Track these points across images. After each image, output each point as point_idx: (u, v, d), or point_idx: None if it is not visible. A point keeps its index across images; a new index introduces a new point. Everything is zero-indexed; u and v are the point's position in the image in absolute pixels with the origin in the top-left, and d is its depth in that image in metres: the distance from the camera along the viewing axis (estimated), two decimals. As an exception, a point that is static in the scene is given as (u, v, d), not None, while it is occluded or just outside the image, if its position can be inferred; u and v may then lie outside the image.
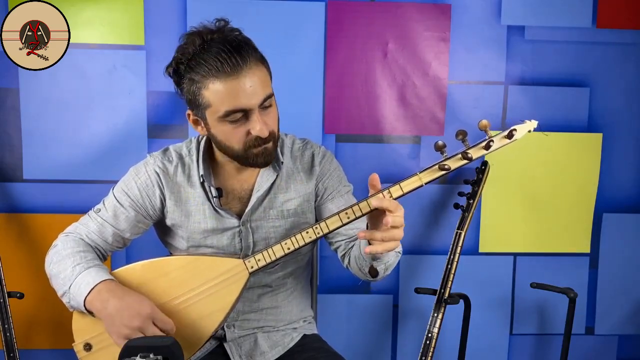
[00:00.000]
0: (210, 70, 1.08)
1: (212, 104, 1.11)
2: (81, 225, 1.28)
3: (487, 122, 1.00)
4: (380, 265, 1.17)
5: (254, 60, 1.11)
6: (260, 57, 1.15)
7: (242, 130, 1.13)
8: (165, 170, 1.27)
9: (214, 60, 1.07)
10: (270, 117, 1.16)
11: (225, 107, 1.10)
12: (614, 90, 1.76)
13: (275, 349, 1.35)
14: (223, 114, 1.11)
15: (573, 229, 1.82)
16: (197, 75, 1.10)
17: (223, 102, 1.10)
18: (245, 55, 1.09)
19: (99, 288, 1.13)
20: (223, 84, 1.08)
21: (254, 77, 1.10)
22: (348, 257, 1.28)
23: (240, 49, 1.09)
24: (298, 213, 1.30)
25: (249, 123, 1.13)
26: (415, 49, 1.71)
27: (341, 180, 1.34)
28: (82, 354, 1.21)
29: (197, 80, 1.10)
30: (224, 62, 1.07)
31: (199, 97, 1.12)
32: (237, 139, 1.14)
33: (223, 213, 1.26)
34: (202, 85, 1.10)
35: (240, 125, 1.13)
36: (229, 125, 1.13)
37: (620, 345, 1.90)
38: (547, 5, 1.71)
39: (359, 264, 1.21)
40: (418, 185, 1.05)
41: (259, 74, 1.11)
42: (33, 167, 1.69)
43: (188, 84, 1.13)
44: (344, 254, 1.30)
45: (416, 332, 1.83)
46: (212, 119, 1.14)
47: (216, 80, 1.08)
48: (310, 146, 1.35)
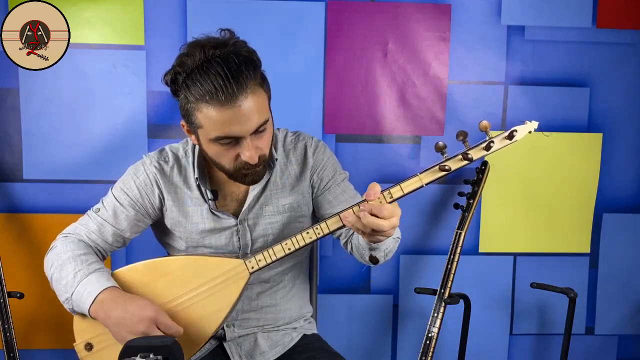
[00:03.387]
0: (204, 95, 1.05)
1: (204, 127, 1.10)
2: (80, 226, 1.27)
3: (487, 123, 1.01)
4: (379, 253, 1.18)
5: (252, 86, 1.08)
6: (261, 79, 1.12)
7: (232, 153, 1.13)
8: (161, 170, 1.27)
9: (210, 86, 1.04)
10: (263, 141, 1.14)
11: (217, 133, 1.09)
12: (614, 90, 1.76)
13: (275, 348, 1.35)
14: (214, 138, 1.10)
15: (573, 229, 1.82)
16: (192, 96, 1.07)
17: (215, 128, 1.08)
18: (243, 81, 1.05)
19: (101, 298, 1.13)
20: (216, 111, 1.06)
21: (250, 104, 1.07)
22: (350, 244, 1.29)
23: (239, 74, 1.05)
24: (294, 207, 1.30)
25: (239, 147, 1.12)
26: (415, 49, 1.71)
27: (336, 169, 1.34)
28: (83, 353, 1.21)
29: (192, 100, 1.08)
30: (219, 89, 1.04)
31: (192, 117, 1.11)
32: (227, 160, 1.14)
33: (220, 214, 1.26)
34: (195, 107, 1.08)
35: (231, 148, 1.12)
36: (219, 146, 1.12)
37: (620, 345, 1.90)
38: (547, 5, 1.71)
39: (360, 252, 1.23)
40: (419, 186, 1.05)
41: (256, 101, 1.09)
42: (33, 167, 1.69)
43: (183, 100, 1.11)
44: (346, 241, 1.31)
45: (416, 332, 1.83)
46: (204, 139, 1.13)
47: (209, 106, 1.06)
48: (303, 138, 1.34)
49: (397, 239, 1.24)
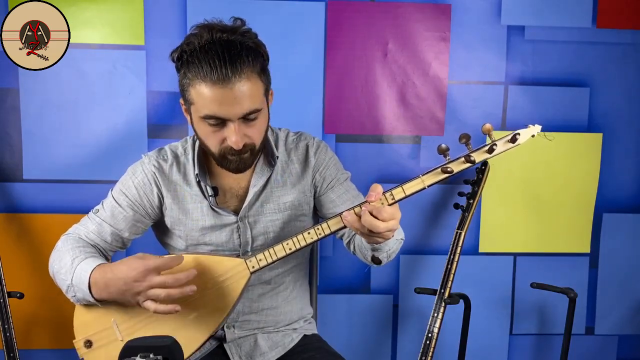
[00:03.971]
0: (199, 73, 1.08)
1: (195, 103, 1.12)
2: (80, 226, 1.29)
3: (490, 125, 1.01)
4: (382, 254, 1.18)
5: (248, 73, 1.09)
6: (260, 69, 1.13)
7: (219, 135, 1.14)
8: (160, 168, 1.27)
9: (206, 65, 1.07)
10: (253, 130, 1.15)
11: (205, 111, 1.11)
12: (614, 90, 1.76)
13: (275, 349, 1.35)
14: (203, 116, 1.12)
15: (573, 229, 1.82)
16: (189, 72, 1.10)
17: (204, 105, 1.10)
18: (239, 66, 1.07)
19: (94, 279, 1.13)
20: (208, 89, 1.08)
21: (242, 89, 1.08)
22: (353, 244, 1.29)
23: (237, 58, 1.07)
24: (295, 206, 1.31)
25: (225, 130, 1.13)
26: (415, 49, 1.71)
27: (338, 169, 1.35)
28: (82, 350, 1.21)
29: (188, 76, 1.11)
30: (214, 69, 1.06)
31: (187, 93, 1.14)
32: (213, 142, 1.15)
33: (220, 211, 1.26)
34: (190, 83, 1.11)
35: (218, 130, 1.13)
36: (208, 127, 1.14)
37: (620, 345, 1.90)
38: (547, 5, 1.71)
39: (362, 253, 1.23)
40: (421, 188, 1.06)
41: (250, 87, 1.10)
42: (33, 167, 1.68)
43: (182, 76, 1.14)
44: (348, 241, 1.31)
45: (416, 332, 1.83)
46: (195, 116, 1.15)
47: (202, 83, 1.09)
48: (304, 137, 1.35)
49: (401, 240, 1.24)
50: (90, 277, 1.14)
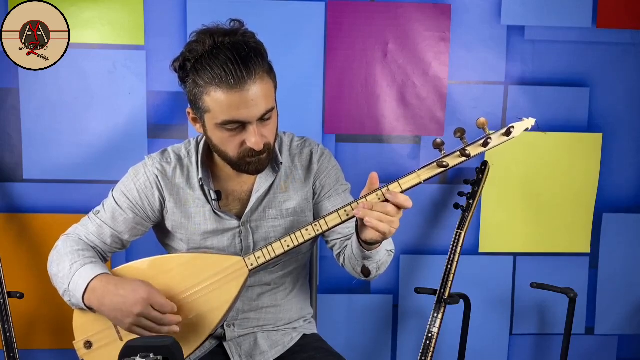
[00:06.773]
0: (214, 79, 1.07)
1: (212, 111, 1.11)
2: (81, 227, 1.28)
3: (484, 119, 1.02)
4: (372, 264, 1.17)
5: (261, 73, 1.09)
6: (268, 68, 1.14)
7: (238, 139, 1.13)
8: (163, 171, 1.27)
9: (220, 69, 1.06)
10: (268, 129, 1.15)
11: (224, 117, 1.09)
12: (614, 90, 1.76)
13: (275, 348, 1.35)
14: (221, 122, 1.11)
15: (573, 229, 1.82)
16: (201, 79, 1.09)
17: (222, 112, 1.09)
18: (252, 67, 1.07)
19: (92, 286, 1.14)
20: (225, 95, 1.07)
21: (257, 90, 1.08)
22: (343, 256, 1.28)
23: (248, 60, 1.07)
24: (297, 212, 1.30)
25: (245, 133, 1.12)
26: (415, 49, 1.71)
27: (339, 179, 1.34)
28: (82, 351, 1.21)
29: (200, 84, 1.09)
30: (229, 73, 1.05)
31: (200, 101, 1.11)
32: (232, 147, 1.14)
33: (223, 215, 1.26)
34: (204, 90, 1.09)
35: (237, 134, 1.12)
36: (225, 132, 1.12)
37: (620, 345, 1.90)
38: (547, 5, 1.71)
39: (352, 264, 1.21)
40: (417, 183, 1.06)
41: (263, 87, 1.10)
42: (33, 167, 1.69)
43: (191, 85, 1.12)
44: (339, 253, 1.30)
45: (416, 332, 1.83)
46: (210, 124, 1.14)
47: (218, 89, 1.07)
48: (309, 144, 1.35)
49: (391, 251, 1.23)
50: (89, 284, 1.14)
